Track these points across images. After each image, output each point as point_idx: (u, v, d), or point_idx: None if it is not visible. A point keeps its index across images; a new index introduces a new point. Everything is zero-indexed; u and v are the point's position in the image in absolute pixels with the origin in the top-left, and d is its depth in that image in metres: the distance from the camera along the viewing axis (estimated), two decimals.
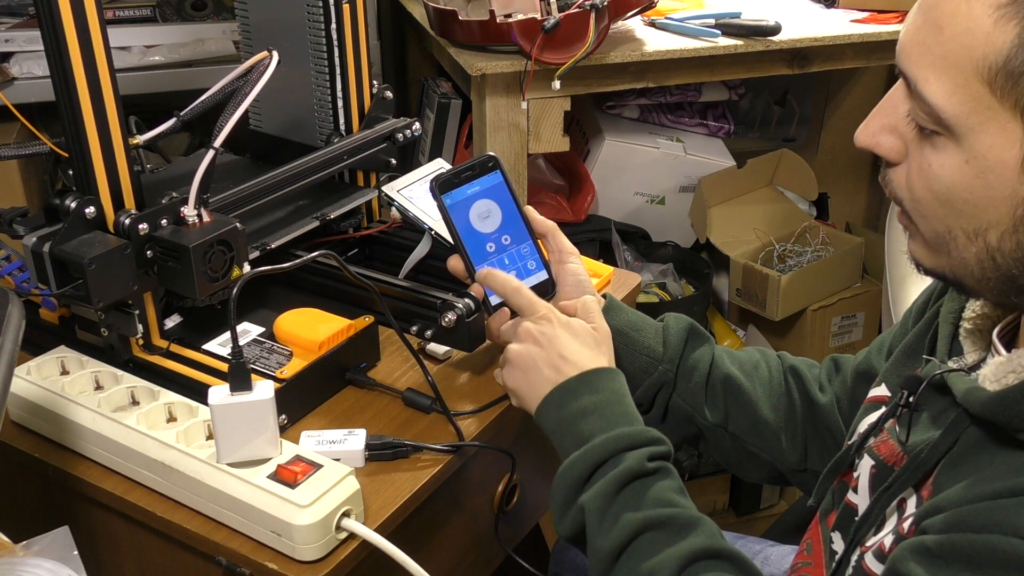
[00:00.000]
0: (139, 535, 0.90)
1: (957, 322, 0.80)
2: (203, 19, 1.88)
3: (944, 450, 0.72)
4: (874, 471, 0.81)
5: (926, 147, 0.66)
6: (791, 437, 1.02)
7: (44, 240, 0.89)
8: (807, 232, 2.07)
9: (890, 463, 0.79)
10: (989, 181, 0.63)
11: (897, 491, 0.76)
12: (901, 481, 0.76)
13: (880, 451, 0.81)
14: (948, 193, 0.66)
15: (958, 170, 0.64)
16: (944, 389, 0.74)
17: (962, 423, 0.72)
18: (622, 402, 0.88)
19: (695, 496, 0.86)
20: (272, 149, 1.22)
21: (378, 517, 0.85)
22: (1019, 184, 0.62)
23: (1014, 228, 0.64)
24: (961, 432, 0.71)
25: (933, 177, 0.66)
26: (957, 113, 0.63)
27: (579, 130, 2.03)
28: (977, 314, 0.79)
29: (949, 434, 0.72)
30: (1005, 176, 0.63)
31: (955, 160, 0.64)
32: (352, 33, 1.14)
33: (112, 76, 0.89)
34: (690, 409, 1.01)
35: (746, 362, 1.04)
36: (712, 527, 0.80)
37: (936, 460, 0.73)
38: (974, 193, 0.64)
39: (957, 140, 0.64)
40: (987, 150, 0.63)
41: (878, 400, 0.87)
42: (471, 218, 1.00)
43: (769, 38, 1.64)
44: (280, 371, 0.95)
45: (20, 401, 0.93)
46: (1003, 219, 0.64)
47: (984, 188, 0.64)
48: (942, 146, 0.65)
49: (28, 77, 1.72)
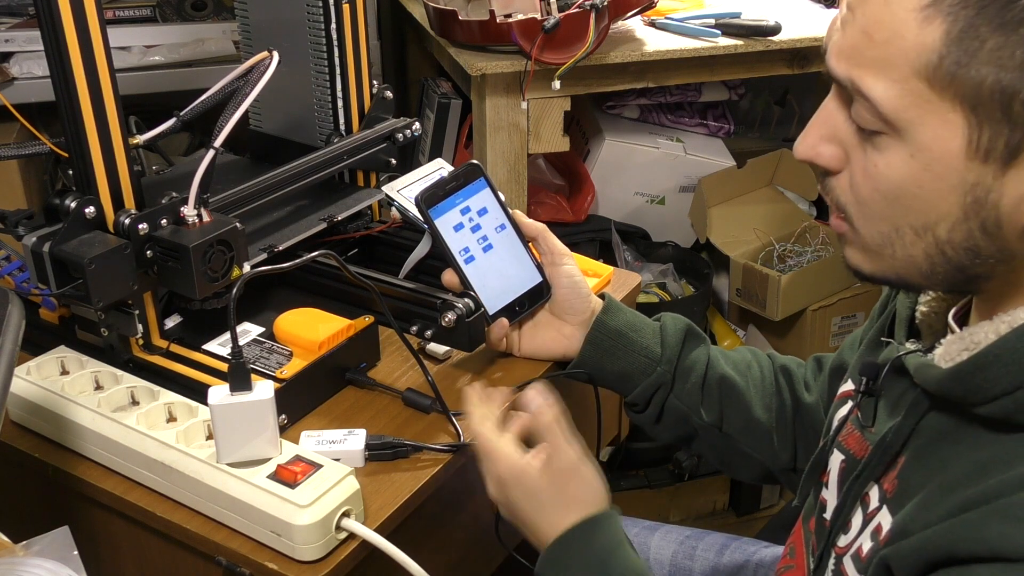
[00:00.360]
0: (139, 535, 0.90)
1: (914, 307, 0.81)
2: (203, 19, 1.89)
3: (907, 433, 0.72)
4: (843, 465, 0.81)
5: (869, 149, 0.67)
6: (782, 437, 1.02)
7: (44, 240, 0.89)
8: (807, 232, 2.07)
9: (859, 456, 0.79)
10: (937, 172, 0.64)
11: (865, 481, 0.76)
12: (869, 469, 0.76)
13: (848, 444, 0.81)
14: (897, 190, 0.66)
15: (904, 165, 0.65)
16: (903, 371, 0.75)
17: (921, 404, 0.72)
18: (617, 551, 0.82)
19: (695, 496, 0.85)
20: (272, 149, 1.22)
21: (378, 517, 0.85)
22: (966, 172, 0.63)
23: (964, 217, 0.65)
24: (922, 414, 0.72)
25: (879, 177, 0.66)
26: (897, 107, 0.63)
27: (579, 130, 2.03)
28: (932, 298, 0.79)
29: (910, 416, 0.73)
30: (952, 165, 0.63)
31: (900, 156, 0.65)
32: (352, 33, 1.14)
33: (112, 76, 0.89)
34: (686, 409, 1.02)
35: (740, 362, 1.05)
36: None
37: (901, 445, 0.73)
38: (923, 187, 0.65)
39: (900, 136, 0.64)
40: (931, 141, 0.63)
41: (847, 395, 0.87)
42: (460, 229, 1.00)
43: (769, 38, 1.64)
44: (280, 371, 0.95)
45: (20, 401, 0.93)
46: (953, 209, 0.65)
47: (932, 180, 0.64)
48: (885, 145, 0.65)
49: (28, 77, 1.72)
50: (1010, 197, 0.63)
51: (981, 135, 0.62)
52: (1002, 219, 0.64)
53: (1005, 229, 0.64)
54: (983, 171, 0.63)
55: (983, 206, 0.64)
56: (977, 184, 0.63)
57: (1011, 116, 0.60)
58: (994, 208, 0.63)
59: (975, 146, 0.62)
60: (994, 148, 0.62)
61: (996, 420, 0.65)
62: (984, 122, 0.61)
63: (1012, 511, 0.60)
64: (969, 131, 0.62)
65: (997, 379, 0.64)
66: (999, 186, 0.63)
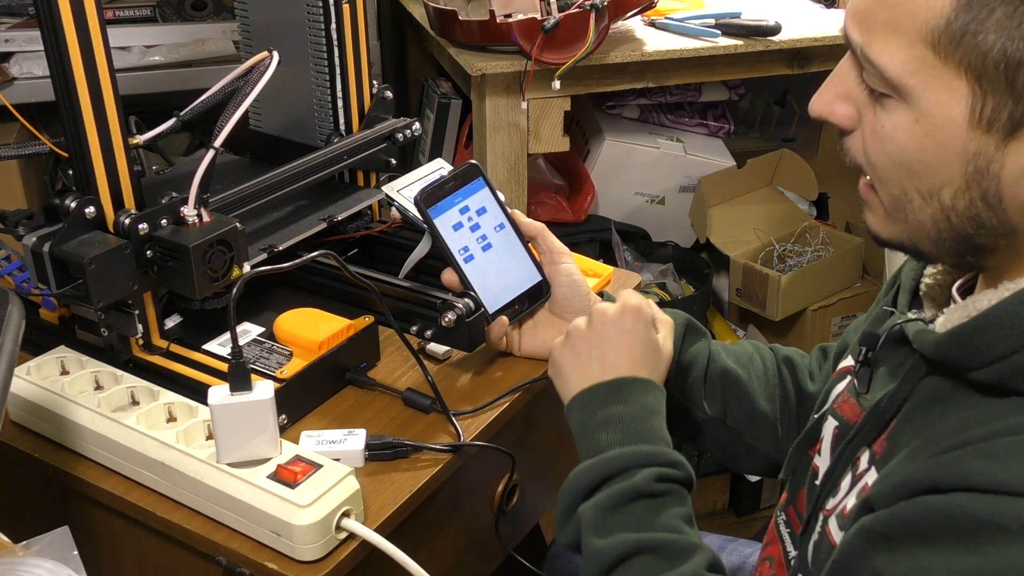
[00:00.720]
0: (139, 535, 0.90)
1: (918, 279, 0.82)
2: (203, 19, 1.89)
3: (903, 398, 0.73)
4: (837, 431, 0.82)
5: (878, 110, 0.68)
6: (787, 427, 1.02)
7: (44, 240, 0.89)
8: (807, 232, 2.07)
9: (852, 422, 0.79)
10: (939, 139, 0.65)
11: (858, 446, 0.77)
12: (862, 434, 0.76)
13: (843, 411, 0.82)
14: (902, 154, 0.67)
15: (909, 130, 0.66)
16: (904, 341, 0.75)
17: (919, 370, 0.72)
18: (650, 419, 0.86)
19: (695, 496, 0.85)
20: (272, 149, 1.22)
21: (378, 517, 0.85)
22: (968, 140, 0.64)
23: (966, 185, 0.66)
24: (919, 379, 0.72)
25: (887, 139, 0.68)
26: (902, 73, 0.65)
27: (579, 130, 2.03)
28: (938, 270, 0.80)
29: (907, 382, 0.73)
30: (955, 133, 0.64)
31: (906, 120, 0.66)
32: (352, 33, 1.14)
33: (112, 76, 0.89)
34: (689, 404, 1.02)
35: (741, 355, 1.05)
36: (708, 556, 0.79)
37: (895, 410, 0.73)
38: (926, 152, 0.66)
39: (906, 100, 0.66)
40: (935, 108, 0.64)
41: (846, 370, 0.87)
42: (459, 229, 1.00)
43: (769, 38, 1.64)
44: (280, 371, 0.95)
45: (20, 401, 0.93)
46: (955, 177, 0.66)
47: (935, 146, 0.65)
48: (893, 107, 0.67)
49: (28, 77, 1.72)
50: (1011, 170, 0.64)
51: (984, 105, 0.63)
52: (1003, 192, 0.65)
53: (1006, 202, 0.65)
54: (985, 141, 0.64)
55: (984, 176, 0.65)
56: (979, 154, 0.64)
57: (1015, 88, 0.61)
58: (995, 179, 0.65)
59: (978, 116, 0.63)
60: (997, 119, 0.63)
61: (991, 386, 0.66)
62: (988, 92, 0.62)
63: (992, 451, 0.62)
64: (973, 100, 0.63)
65: (995, 342, 0.65)
66: (1000, 157, 0.64)
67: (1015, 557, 0.58)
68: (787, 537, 0.87)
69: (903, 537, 0.63)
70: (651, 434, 0.85)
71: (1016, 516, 0.58)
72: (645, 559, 0.78)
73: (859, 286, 2.06)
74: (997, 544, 0.58)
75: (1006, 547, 0.58)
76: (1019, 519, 0.58)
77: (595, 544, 0.79)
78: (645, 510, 0.80)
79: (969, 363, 0.67)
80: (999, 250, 0.69)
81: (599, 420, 0.86)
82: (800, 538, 0.83)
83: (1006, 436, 0.62)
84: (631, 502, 0.81)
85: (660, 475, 0.82)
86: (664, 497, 0.81)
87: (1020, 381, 0.64)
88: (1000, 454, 0.61)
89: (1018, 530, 0.58)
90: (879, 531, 0.65)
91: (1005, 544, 0.58)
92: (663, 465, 0.82)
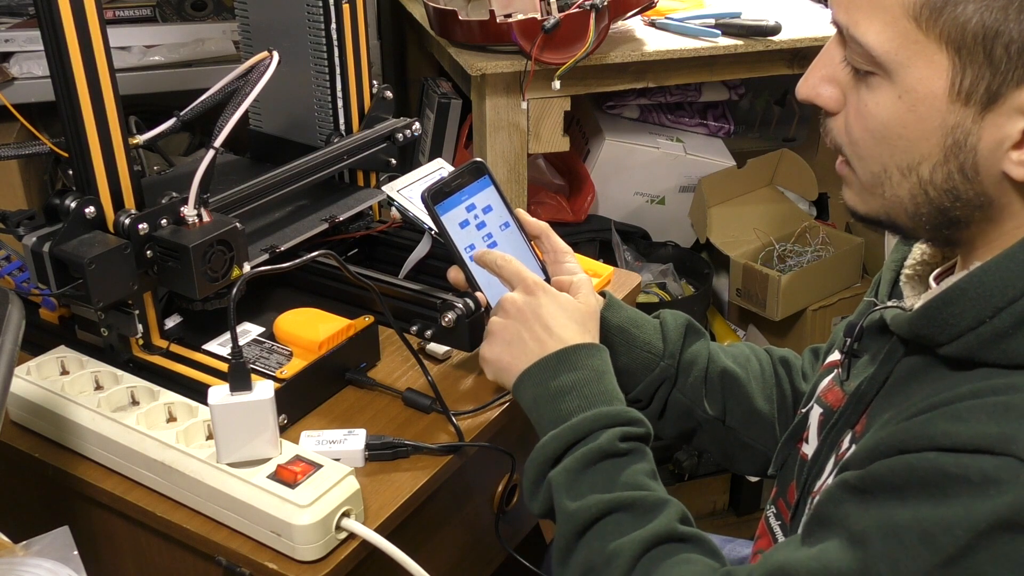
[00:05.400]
0: (139, 535, 0.90)
1: (899, 271, 0.84)
2: (203, 19, 1.88)
3: (882, 380, 0.76)
4: (822, 417, 0.85)
5: (862, 89, 0.70)
6: (784, 427, 1.03)
7: (44, 240, 0.89)
8: (807, 232, 2.07)
9: (835, 407, 0.82)
10: (921, 113, 0.67)
11: (841, 429, 0.79)
12: (845, 417, 0.79)
13: (827, 398, 0.85)
14: (884, 130, 0.69)
15: (892, 106, 0.68)
16: (884, 328, 0.78)
17: (896, 352, 0.75)
18: (602, 380, 0.88)
19: (695, 496, 0.86)
20: (272, 149, 1.22)
21: (378, 517, 0.85)
22: (948, 114, 0.66)
23: (944, 159, 0.68)
24: (897, 361, 0.75)
25: (869, 116, 0.70)
26: (887, 50, 0.66)
27: (579, 130, 2.03)
28: (917, 261, 0.83)
29: (886, 364, 0.76)
30: (935, 107, 0.66)
31: (889, 97, 0.68)
32: (352, 33, 1.14)
33: (112, 76, 0.89)
34: (690, 403, 1.02)
35: (739, 356, 1.06)
36: (679, 510, 0.81)
37: (874, 392, 0.76)
38: (907, 127, 0.68)
39: (890, 76, 0.67)
40: (917, 83, 0.66)
41: (832, 365, 0.89)
42: (466, 226, 0.99)
43: (769, 38, 1.64)
44: (280, 371, 0.95)
45: (20, 401, 0.93)
46: (934, 151, 0.68)
47: (916, 121, 0.67)
48: (876, 85, 0.69)
49: (28, 77, 1.72)
50: (987, 142, 0.66)
51: (964, 77, 0.65)
52: (979, 163, 0.67)
53: (982, 174, 0.67)
54: (963, 114, 0.66)
55: (962, 148, 0.67)
56: (957, 126, 0.66)
57: (992, 60, 0.63)
58: (972, 151, 0.67)
59: (957, 88, 0.65)
60: (975, 91, 0.65)
61: (959, 360, 0.68)
62: (967, 64, 0.64)
63: (956, 412, 0.65)
64: (953, 73, 0.65)
65: (963, 313, 0.68)
66: (978, 130, 0.66)
67: (977, 507, 0.61)
68: (777, 529, 0.89)
69: (875, 491, 0.66)
70: (608, 395, 0.87)
71: (979, 469, 0.61)
72: (618, 516, 0.80)
73: (859, 286, 2.06)
74: (961, 495, 0.62)
75: (969, 498, 0.61)
76: (982, 472, 0.61)
77: (569, 507, 0.81)
78: (612, 469, 0.83)
79: (939, 337, 0.69)
80: (974, 222, 0.71)
81: (553, 390, 0.87)
82: (790, 525, 0.85)
83: (970, 399, 0.65)
84: (598, 462, 0.83)
85: (624, 434, 0.84)
86: (628, 456, 0.84)
87: (986, 353, 0.67)
88: (964, 415, 0.64)
89: (980, 482, 0.61)
90: (853, 484, 0.68)
91: (968, 495, 0.61)
92: (625, 424, 0.85)
